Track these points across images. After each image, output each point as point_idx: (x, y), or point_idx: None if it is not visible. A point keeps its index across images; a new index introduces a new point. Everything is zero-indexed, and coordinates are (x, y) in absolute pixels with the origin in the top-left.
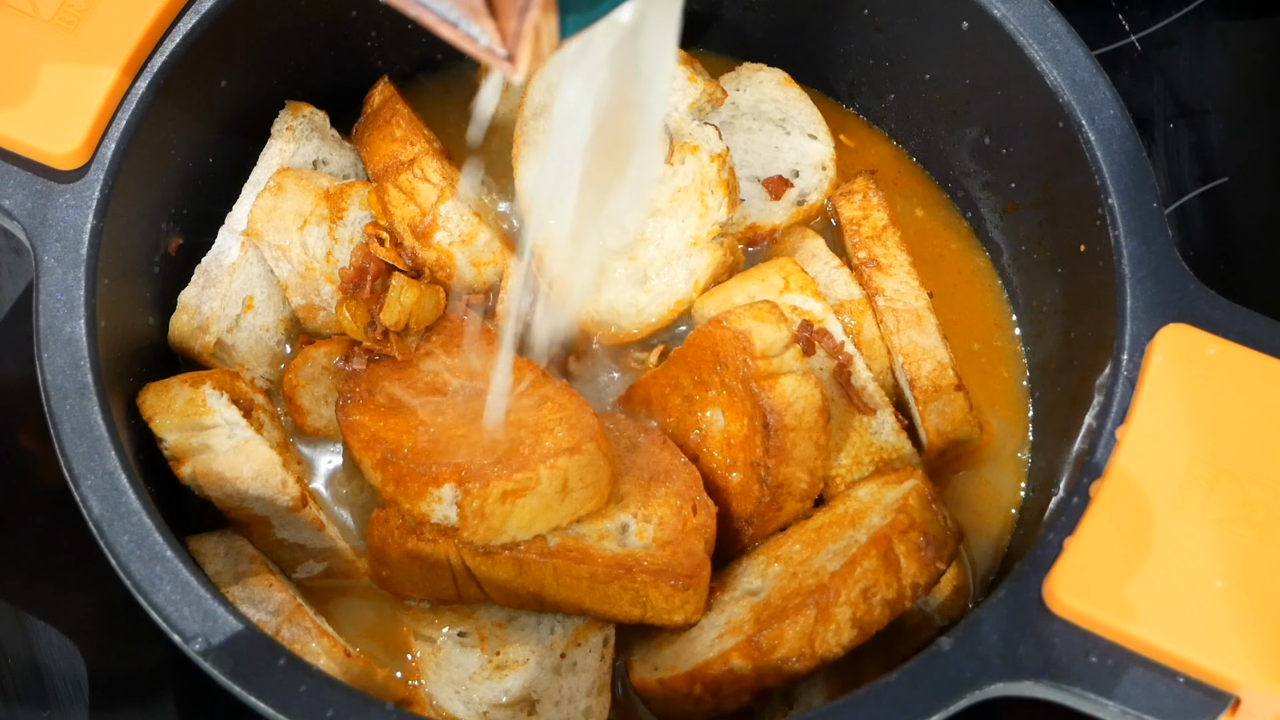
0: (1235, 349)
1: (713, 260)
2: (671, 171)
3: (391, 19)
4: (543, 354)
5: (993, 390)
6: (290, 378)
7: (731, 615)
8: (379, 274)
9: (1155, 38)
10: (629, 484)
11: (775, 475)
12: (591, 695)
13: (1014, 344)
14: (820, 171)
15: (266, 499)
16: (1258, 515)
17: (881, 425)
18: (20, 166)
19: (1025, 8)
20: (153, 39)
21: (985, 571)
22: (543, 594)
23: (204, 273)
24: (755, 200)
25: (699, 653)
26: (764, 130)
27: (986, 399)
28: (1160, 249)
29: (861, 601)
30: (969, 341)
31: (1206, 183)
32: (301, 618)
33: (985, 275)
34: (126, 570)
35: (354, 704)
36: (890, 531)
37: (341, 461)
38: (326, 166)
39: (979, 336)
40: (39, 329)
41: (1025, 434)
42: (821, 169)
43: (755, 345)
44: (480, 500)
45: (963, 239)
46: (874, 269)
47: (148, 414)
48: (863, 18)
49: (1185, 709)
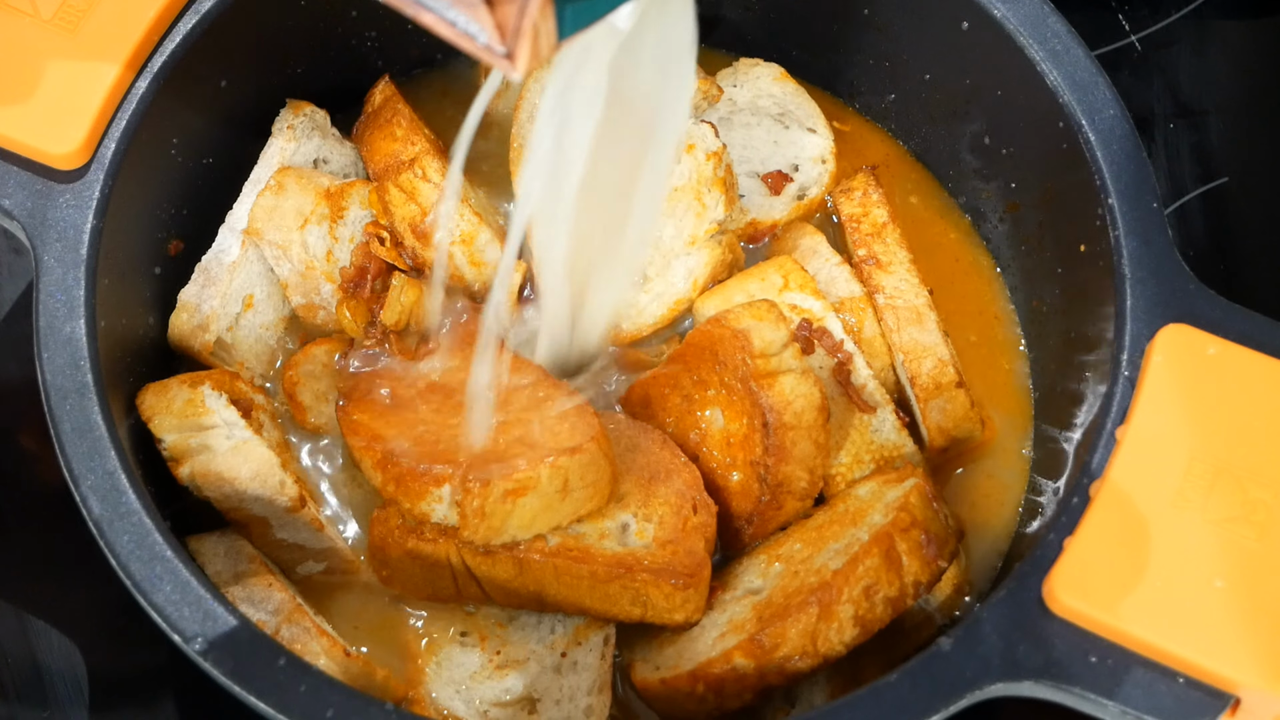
0: (1235, 349)
1: (711, 259)
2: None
3: (391, 18)
4: (548, 365)
5: (994, 383)
6: (291, 374)
7: (734, 614)
8: (379, 273)
9: (1155, 38)
10: (629, 484)
11: (775, 474)
12: (592, 694)
13: (1014, 338)
14: (820, 165)
15: (265, 499)
16: (1258, 515)
17: (882, 423)
18: (20, 166)
19: (1025, 8)
20: (153, 38)
21: (986, 569)
22: (543, 593)
23: (204, 271)
24: (755, 196)
25: (701, 652)
26: (762, 125)
27: (987, 393)
28: (1160, 249)
29: (864, 599)
30: (967, 333)
31: (1206, 183)
32: (301, 617)
33: (985, 271)
34: (126, 570)
35: (354, 704)
36: (892, 529)
37: (342, 462)
38: (327, 165)
39: (978, 329)
40: (39, 329)
41: (1027, 430)
42: (821, 163)
43: (754, 344)
44: (481, 499)
45: (962, 236)
46: (874, 266)
47: (146, 414)
48: (863, 18)
49: (1185, 709)
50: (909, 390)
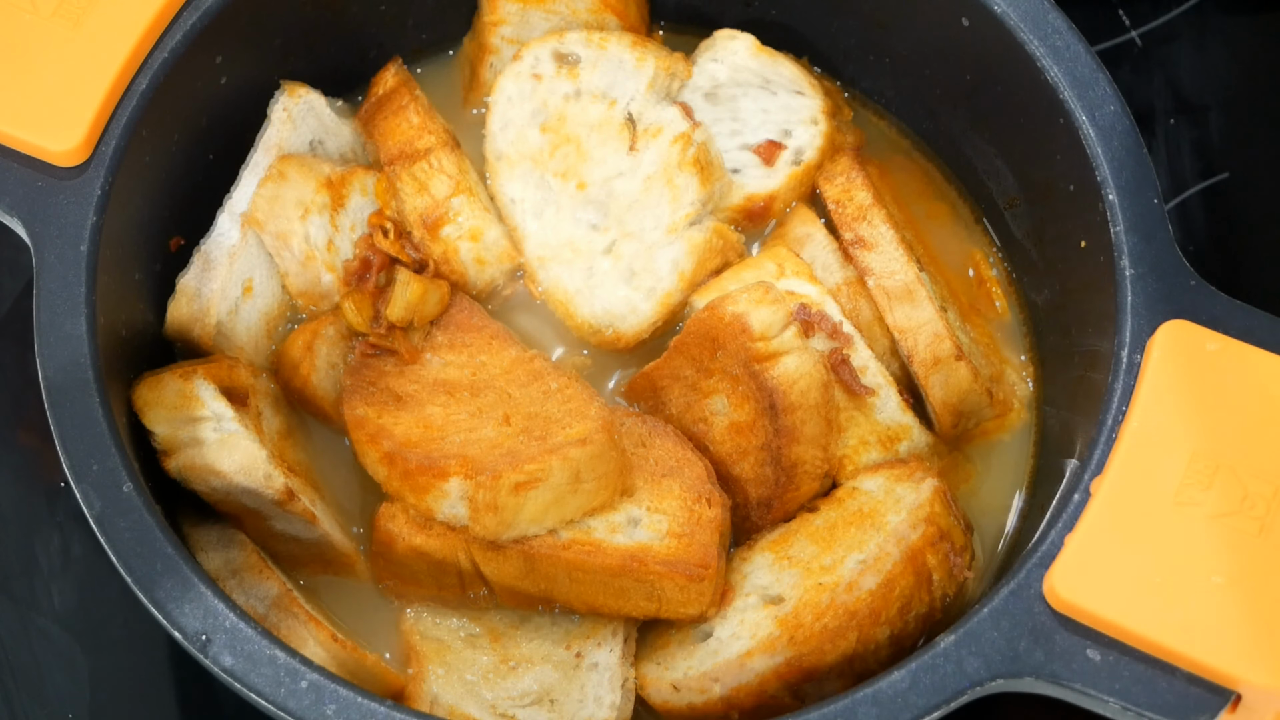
0: (1235, 345)
1: (694, 247)
2: (637, 160)
3: (392, 13)
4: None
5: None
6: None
7: (755, 625)
8: (383, 266)
9: (1156, 33)
10: (640, 479)
11: (788, 456)
12: (614, 691)
13: (1014, 334)
14: (813, 127)
15: (253, 492)
16: (1258, 511)
17: (885, 403)
18: (21, 163)
19: (1026, 4)
20: (153, 35)
21: (987, 565)
22: (552, 592)
23: (203, 257)
24: (750, 169)
25: (721, 664)
26: (749, 95)
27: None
28: (1161, 245)
29: (899, 619)
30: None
31: (1207, 178)
32: (291, 605)
33: (984, 266)
34: (127, 567)
35: (355, 701)
36: (923, 544)
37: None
38: (323, 147)
39: (977, 324)
40: (39, 326)
41: (1027, 426)
42: (813, 124)
43: (753, 327)
44: (491, 492)
45: (963, 231)
46: (860, 248)
47: (140, 407)
48: (864, 14)
49: (1186, 705)
50: (911, 370)
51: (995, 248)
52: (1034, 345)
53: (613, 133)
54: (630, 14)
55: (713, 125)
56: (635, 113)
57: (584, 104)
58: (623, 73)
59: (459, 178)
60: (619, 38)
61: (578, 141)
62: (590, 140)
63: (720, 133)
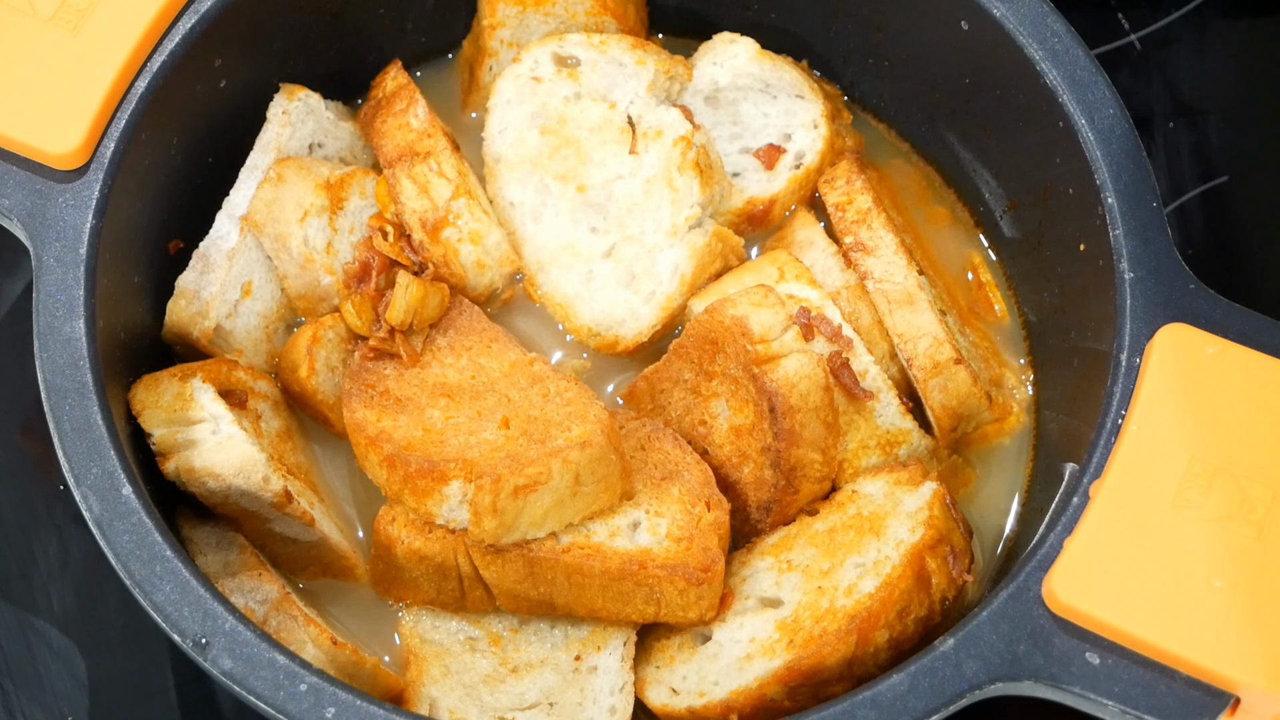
0: (1234, 348)
1: (695, 250)
2: (637, 163)
3: (391, 16)
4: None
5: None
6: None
7: (756, 631)
8: (383, 269)
9: (1155, 37)
10: (640, 482)
11: (788, 459)
12: (614, 695)
13: (1013, 337)
14: (813, 130)
15: (250, 495)
16: (1257, 514)
17: (885, 407)
18: (20, 166)
19: (1025, 7)
20: (152, 38)
21: (986, 569)
22: (553, 596)
23: (202, 258)
24: (750, 173)
25: (723, 671)
26: (749, 99)
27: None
28: (1160, 248)
29: (898, 623)
30: (965, 332)
31: (1206, 182)
32: (289, 606)
33: (983, 270)
34: (126, 569)
35: (355, 704)
36: (922, 548)
37: (347, 459)
38: (322, 149)
39: (976, 328)
40: (38, 328)
41: (1026, 429)
42: (814, 127)
43: (753, 330)
44: (492, 496)
45: (962, 234)
46: (860, 252)
47: (137, 408)
48: (862, 17)
49: (1185, 708)
50: (911, 374)
51: (994, 251)
52: (1033, 349)
53: (613, 135)
54: (628, 16)
55: (713, 129)
56: (635, 115)
57: (584, 106)
58: (623, 74)
59: (459, 180)
60: (619, 39)
61: (577, 144)
62: (590, 142)
63: (721, 136)
